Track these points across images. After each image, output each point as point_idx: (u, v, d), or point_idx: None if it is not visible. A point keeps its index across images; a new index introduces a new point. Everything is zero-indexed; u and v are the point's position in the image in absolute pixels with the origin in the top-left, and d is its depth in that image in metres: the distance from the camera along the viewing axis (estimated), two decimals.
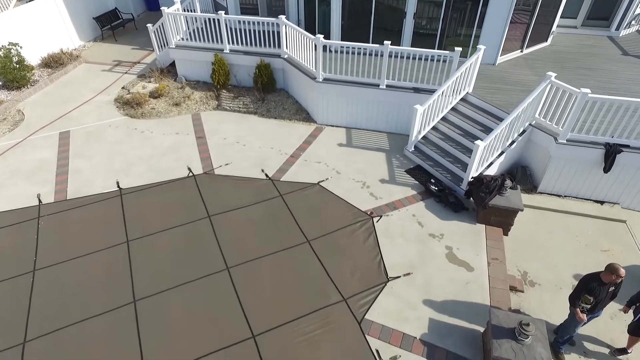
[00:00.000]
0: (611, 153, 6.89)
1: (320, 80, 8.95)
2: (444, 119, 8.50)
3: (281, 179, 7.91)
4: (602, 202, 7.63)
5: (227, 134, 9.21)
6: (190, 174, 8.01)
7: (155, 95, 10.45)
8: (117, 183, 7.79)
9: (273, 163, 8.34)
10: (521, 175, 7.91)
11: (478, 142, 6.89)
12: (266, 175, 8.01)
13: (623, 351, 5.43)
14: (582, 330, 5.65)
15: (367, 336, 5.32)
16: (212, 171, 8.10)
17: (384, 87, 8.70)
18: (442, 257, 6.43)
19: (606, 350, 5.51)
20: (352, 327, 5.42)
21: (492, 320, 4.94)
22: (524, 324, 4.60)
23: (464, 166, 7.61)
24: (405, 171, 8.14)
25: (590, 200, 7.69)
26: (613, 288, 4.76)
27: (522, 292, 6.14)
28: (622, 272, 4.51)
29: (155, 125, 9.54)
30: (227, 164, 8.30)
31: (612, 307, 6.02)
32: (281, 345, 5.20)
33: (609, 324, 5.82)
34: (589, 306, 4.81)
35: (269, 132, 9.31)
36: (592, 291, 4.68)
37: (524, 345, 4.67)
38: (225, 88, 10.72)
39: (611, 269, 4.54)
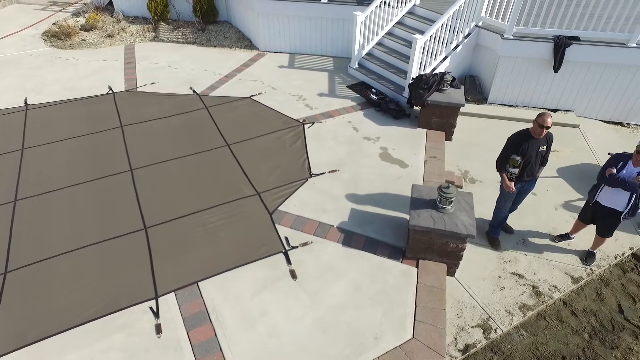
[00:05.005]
0: (560, 46, 6.32)
1: None
2: (389, 33, 7.86)
3: (210, 95, 7.21)
4: (555, 110, 7.08)
5: (160, 60, 8.45)
6: (110, 92, 7.25)
7: (87, 27, 9.63)
8: (25, 100, 6.99)
9: (204, 82, 7.62)
10: (470, 85, 7.32)
11: (417, 35, 6.27)
12: (194, 91, 7.29)
13: (565, 237, 4.86)
14: (522, 221, 5.09)
15: (277, 225, 4.66)
16: (134, 89, 7.36)
17: (325, 0, 8.03)
18: (375, 156, 5.80)
19: (547, 240, 4.93)
20: (262, 217, 4.76)
21: (413, 193, 4.31)
22: (443, 187, 3.98)
23: (407, 76, 6.99)
24: (347, 86, 7.49)
25: (543, 108, 7.14)
26: (544, 148, 4.16)
27: (461, 187, 5.53)
28: (549, 120, 3.91)
29: (82, 55, 8.73)
30: (152, 83, 7.55)
31: (556, 199, 5.47)
32: (175, 235, 4.51)
33: (552, 214, 5.26)
34: (517, 170, 4.20)
35: (205, 58, 8.58)
36: (519, 148, 4.08)
37: (445, 213, 4.05)
38: (165, 21, 9.94)
39: (538, 115, 3.94)
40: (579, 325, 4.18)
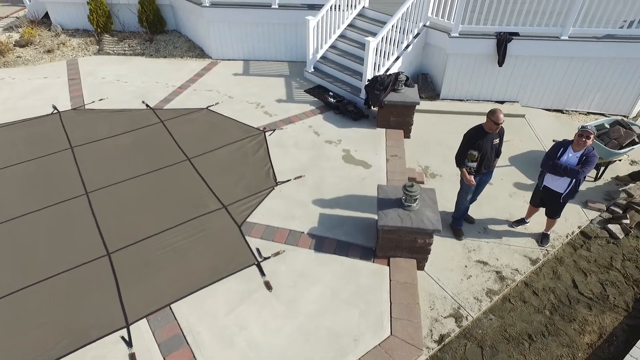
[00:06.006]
0: (502, 42, 6.71)
1: (207, 4, 8.08)
2: (342, 36, 7.98)
3: (164, 108, 6.99)
4: (502, 102, 7.51)
5: (107, 74, 8.08)
6: (55, 111, 6.84)
7: (22, 43, 9.03)
8: None
9: (157, 94, 7.38)
10: (422, 83, 7.60)
11: (369, 37, 6.42)
12: (147, 105, 7.04)
13: (521, 222, 5.18)
14: (481, 211, 5.36)
15: (247, 237, 4.61)
16: (82, 107, 6.99)
17: (276, 6, 8.01)
18: (339, 159, 5.88)
19: (505, 226, 5.23)
20: (230, 231, 4.69)
21: (379, 194, 4.42)
22: (407, 186, 4.11)
23: (363, 77, 7.14)
24: (304, 91, 7.53)
25: (492, 101, 7.54)
26: (497, 141, 4.42)
27: (423, 183, 5.74)
28: (501, 117, 4.16)
29: (19, 73, 8.16)
30: (101, 99, 7.21)
31: (510, 186, 5.81)
32: (141, 258, 4.35)
33: (508, 201, 5.58)
34: (475, 164, 4.43)
35: (156, 69, 8.30)
36: (475, 143, 4.30)
37: (411, 211, 4.19)
38: (109, 32, 9.51)
39: (490, 113, 4.18)
40: (540, 304, 4.47)
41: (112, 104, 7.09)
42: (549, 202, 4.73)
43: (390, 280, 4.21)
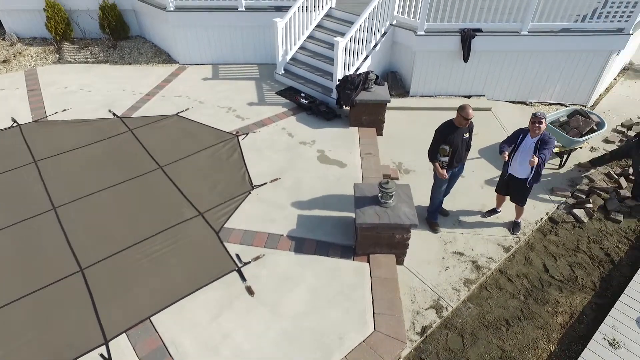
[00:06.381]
0: (466, 38, 6.92)
1: (172, 8, 7.92)
2: (311, 37, 8.01)
3: (132, 116, 6.81)
4: (469, 96, 7.74)
5: (70, 84, 7.78)
6: (15, 124, 6.53)
7: None
8: None
9: (124, 102, 7.17)
10: (392, 81, 7.73)
11: (338, 38, 6.47)
12: (114, 114, 6.84)
13: (493, 211, 5.37)
14: (455, 203, 5.51)
15: (226, 243, 4.56)
16: (44, 119, 6.71)
17: (243, 9, 7.95)
18: (314, 159, 5.90)
19: (478, 216, 5.41)
20: (208, 238, 4.63)
21: (356, 193, 4.47)
22: (383, 183, 4.18)
23: (334, 78, 7.19)
24: (276, 93, 7.51)
25: (459, 96, 7.76)
26: (467, 135, 4.56)
27: (397, 179, 5.84)
28: (471, 112, 4.29)
29: None
30: (65, 110, 6.94)
31: (481, 178, 6.01)
32: (116, 271, 4.23)
33: (479, 192, 5.76)
34: (447, 158, 4.55)
35: (121, 77, 8.06)
36: (446, 138, 4.42)
37: (388, 207, 4.26)
38: (69, 40, 9.15)
39: (460, 109, 4.31)
40: (515, 289, 4.64)
41: (77, 114, 6.84)
42: (515, 189, 4.90)
43: (371, 277, 4.27)
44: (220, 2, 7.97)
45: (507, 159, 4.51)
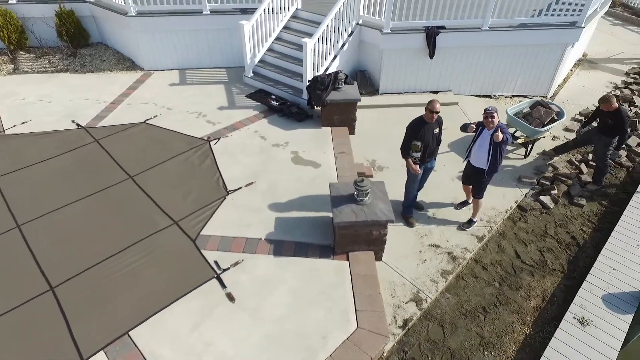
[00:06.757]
0: (431, 36, 7.09)
1: (134, 14, 7.72)
2: (278, 38, 7.99)
3: (98, 126, 6.58)
4: (436, 92, 7.93)
5: (27, 95, 7.44)
6: None
7: None
8: None
9: (88, 112, 6.92)
10: (361, 79, 7.82)
11: (306, 39, 6.49)
12: (78, 124, 6.59)
13: (464, 203, 5.53)
14: (428, 197, 5.63)
15: (203, 251, 4.49)
16: (2, 133, 6.39)
17: (208, 12, 7.84)
18: (288, 161, 5.89)
19: (451, 208, 5.55)
20: (185, 246, 4.54)
21: (332, 192, 4.50)
22: (358, 181, 4.23)
23: (303, 78, 7.20)
24: (246, 96, 7.44)
25: (427, 92, 7.94)
26: (437, 130, 4.68)
27: (372, 176, 5.92)
28: (437, 106, 4.41)
29: None
30: (23, 123, 6.63)
31: (451, 171, 6.17)
32: (90, 287, 4.08)
33: (451, 185, 5.92)
34: (419, 154, 4.65)
35: (83, 85, 7.78)
36: (418, 134, 4.52)
37: (364, 205, 4.32)
38: (24, 49, 8.75)
39: (428, 103, 4.42)
40: (490, 277, 4.80)
41: (38, 126, 6.55)
42: (474, 180, 5.01)
43: (351, 275, 4.31)
44: (184, 6, 7.83)
45: (474, 128, 4.65)
